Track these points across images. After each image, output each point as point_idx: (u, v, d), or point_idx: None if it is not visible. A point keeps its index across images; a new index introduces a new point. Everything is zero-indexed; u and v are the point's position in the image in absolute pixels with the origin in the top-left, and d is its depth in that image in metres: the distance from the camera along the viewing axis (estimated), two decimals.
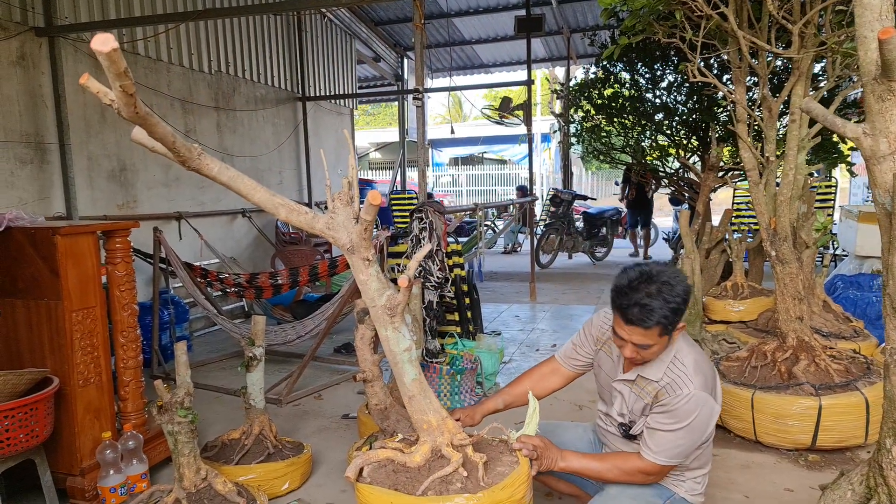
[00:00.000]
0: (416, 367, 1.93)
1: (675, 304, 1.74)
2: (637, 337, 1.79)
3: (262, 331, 2.72)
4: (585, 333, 2.20)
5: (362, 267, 1.84)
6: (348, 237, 1.76)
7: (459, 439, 1.82)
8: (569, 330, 5.60)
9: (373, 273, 1.87)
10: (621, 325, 1.81)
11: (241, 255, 6.37)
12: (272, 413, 3.62)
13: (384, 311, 1.88)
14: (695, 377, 1.83)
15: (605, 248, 9.80)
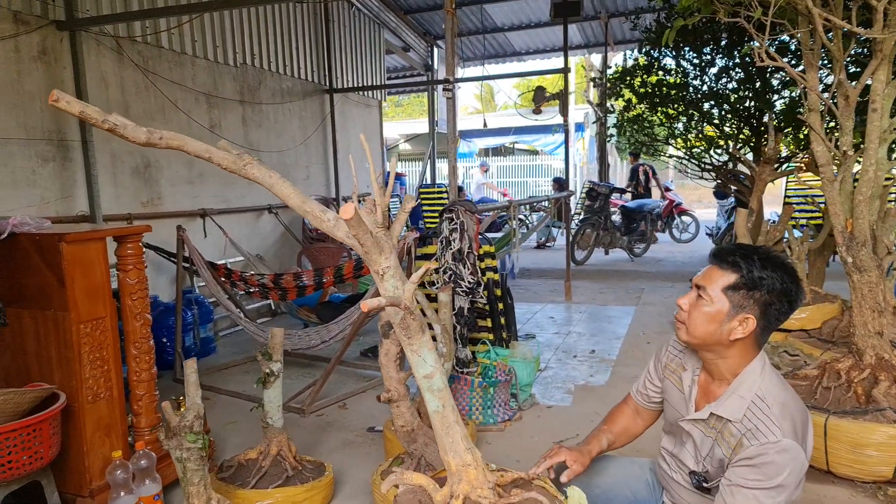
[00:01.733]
0: (438, 396, 1.70)
1: (768, 276, 1.57)
2: (705, 278, 1.63)
3: (279, 344, 2.53)
4: (656, 361, 1.94)
5: (378, 279, 1.64)
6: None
7: (479, 496, 1.57)
8: (607, 333, 5.31)
9: (389, 288, 1.65)
10: (706, 269, 1.67)
11: (266, 252, 6.23)
12: (294, 424, 3.45)
13: (400, 331, 1.66)
14: (782, 421, 1.53)
15: (643, 244, 9.42)
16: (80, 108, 1.39)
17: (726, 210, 8.98)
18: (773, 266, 1.59)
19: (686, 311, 1.68)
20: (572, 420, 3.46)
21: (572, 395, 3.86)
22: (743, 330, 1.60)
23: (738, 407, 1.59)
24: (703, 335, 1.64)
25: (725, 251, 1.67)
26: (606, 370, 4.35)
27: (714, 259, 1.69)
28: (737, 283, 1.59)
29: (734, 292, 1.59)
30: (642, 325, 5.55)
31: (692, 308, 1.66)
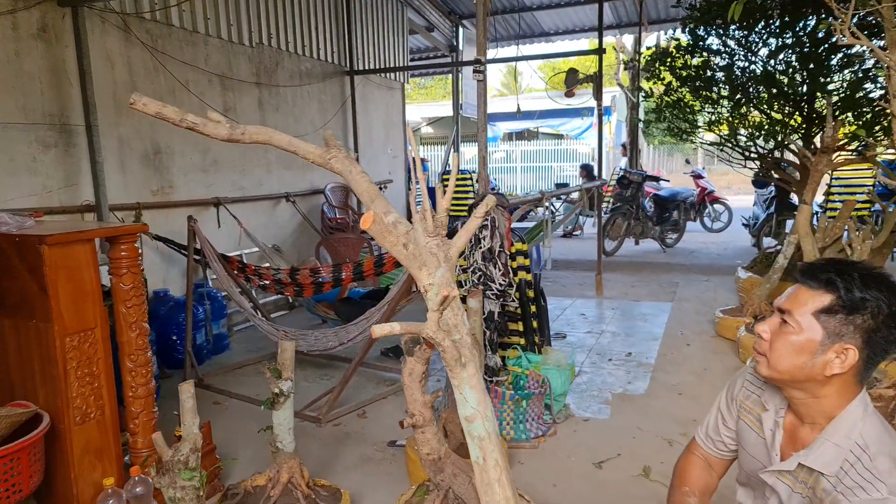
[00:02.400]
0: (479, 445, 1.41)
1: (872, 297, 1.28)
2: (791, 301, 1.34)
3: (290, 360, 2.24)
4: (727, 399, 1.61)
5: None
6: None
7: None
8: (643, 334, 4.96)
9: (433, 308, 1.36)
10: (792, 290, 1.38)
11: (284, 242, 5.97)
12: (309, 435, 3.18)
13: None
14: (889, 476, 1.24)
15: (676, 234, 9.00)
16: (157, 108, 1.36)
17: (765, 199, 8.49)
18: (877, 285, 1.30)
19: (767, 340, 1.38)
20: (612, 436, 3.14)
21: (610, 405, 3.54)
22: (841, 364, 1.30)
23: (833, 457, 1.31)
24: (789, 370, 1.34)
25: (817, 267, 1.36)
26: (645, 376, 4.01)
27: (802, 277, 1.37)
28: (832, 307, 1.30)
29: (829, 317, 1.30)
30: (680, 325, 5.19)
31: (775, 337, 1.36)
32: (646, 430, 3.20)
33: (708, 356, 4.37)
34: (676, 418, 3.32)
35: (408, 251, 1.42)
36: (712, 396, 1.57)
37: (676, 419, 3.31)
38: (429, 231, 1.46)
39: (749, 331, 4.20)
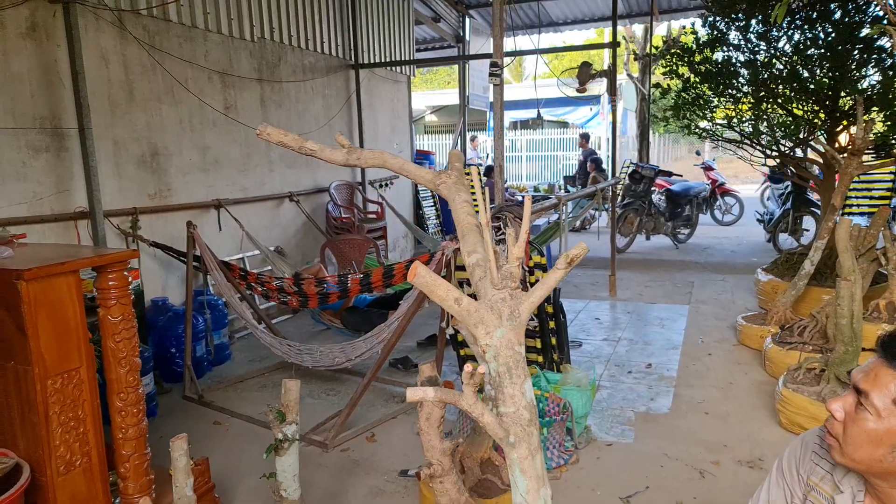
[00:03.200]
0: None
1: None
2: (870, 380, 1.15)
3: (295, 402, 2.05)
4: (790, 469, 1.40)
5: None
6: None
7: None
8: (661, 341, 4.76)
9: (491, 371, 1.18)
10: (871, 366, 1.17)
11: (287, 243, 5.77)
12: (315, 463, 3.01)
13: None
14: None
15: (688, 229, 8.76)
16: (280, 137, 1.42)
17: (781, 194, 8.24)
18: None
19: (840, 421, 1.19)
20: (638, 464, 2.95)
21: (633, 427, 3.35)
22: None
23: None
24: (866, 461, 1.17)
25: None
26: (668, 391, 3.82)
27: (884, 352, 1.17)
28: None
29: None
30: (699, 331, 4.99)
31: (850, 421, 1.18)
32: (673, 457, 3.01)
33: (732, 368, 4.17)
34: (705, 443, 3.13)
35: (460, 307, 1.22)
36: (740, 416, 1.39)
37: (705, 444, 3.12)
38: (494, 282, 1.26)
39: (775, 342, 3.99)
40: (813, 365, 3.32)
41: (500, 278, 1.25)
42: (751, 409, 3.53)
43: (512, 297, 1.24)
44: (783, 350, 3.86)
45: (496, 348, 1.24)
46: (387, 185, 7.37)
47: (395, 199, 7.30)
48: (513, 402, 1.21)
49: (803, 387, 3.17)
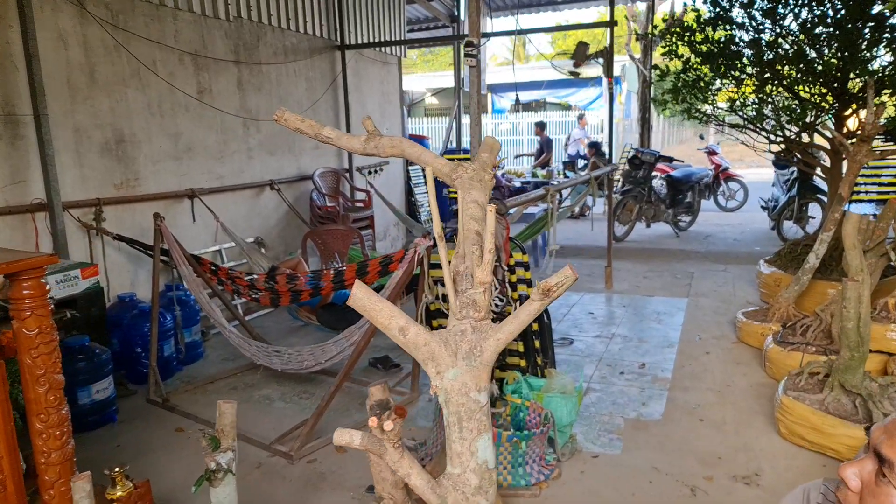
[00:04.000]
0: None
1: None
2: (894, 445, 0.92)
3: (231, 426, 1.83)
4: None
5: None
6: None
7: None
8: (657, 338, 4.53)
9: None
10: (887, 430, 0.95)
11: (269, 234, 5.54)
12: (278, 475, 2.80)
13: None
14: None
15: (690, 217, 8.49)
16: (296, 124, 1.42)
17: (786, 181, 7.95)
18: None
19: (856, 492, 0.98)
20: (625, 479, 2.74)
21: (622, 436, 3.13)
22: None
23: None
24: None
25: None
26: (661, 395, 3.60)
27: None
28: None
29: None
30: (697, 327, 4.75)
31: (868, 492, 0.96)
32: (663, 471, 2.79)
33: (730, 368, 3.95)
34: (698, 454, 2.91)
35: (406, 338, 1.00)
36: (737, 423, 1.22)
37: (698, 456, 2.90)
38: (453, 311, 1.04)
39: (777, 341, 3.76)
40: (816, 370, 3.08)
41: (460, 306, 1.02)
42: (749, 414, 3.30)
43: (474, 331, 1.01)
44: (784, 351, 3.63)
45: (447, 392, 1.02)
46: (376, 172, 7.11)
47: (385, 186, 7.05)
48: (459, 462, 0.99)
49: (805, 394, 2.94)
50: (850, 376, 2.82)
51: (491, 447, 0.94)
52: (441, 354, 0.98)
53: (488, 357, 0.96)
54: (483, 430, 0.93)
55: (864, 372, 2.84)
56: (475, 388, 0.95)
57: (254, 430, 3.20)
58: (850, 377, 2.82)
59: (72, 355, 3.23)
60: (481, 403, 0.93)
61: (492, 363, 0.97)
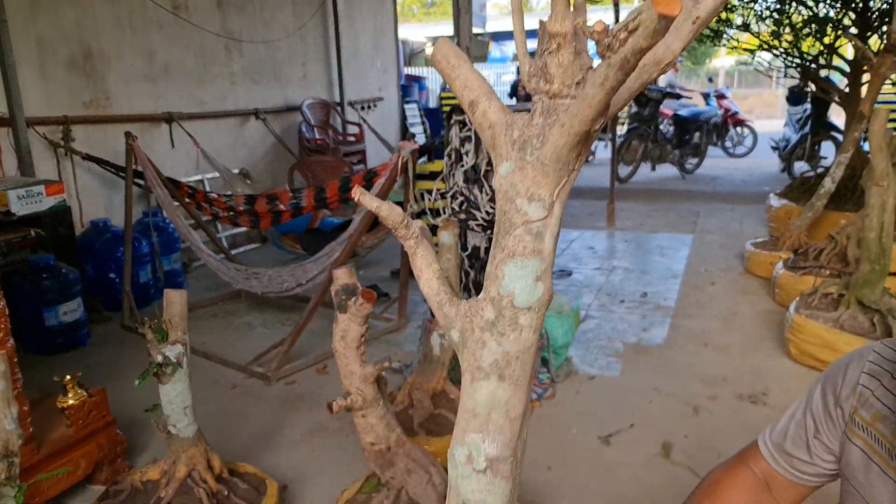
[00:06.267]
0: None
1: None
2: None
3: (180, 316, 1.62)
4: (827, 397, 0.96)
5: None
6: None
7: None
8: (660, 270, 4.32)
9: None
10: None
11: (255, 166, 5.28)
12: (256, 396, 2.64)
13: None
14: None
15: (696, 159, 8.20)
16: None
17: (798, 119, 7.62)
18: None
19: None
20: (623, 399, 2.56)
21: (621, 359, 2.95)
22: None
23: None
24: None
25: None
26: (664, 322, 3.40)
27: None
28: None
29: None
30: (703, 260, 4.54)
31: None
32: (665, 391, 2.61)
33: (736, 297, 3.74)
34: (702, 376, 2.72)
35: (473, 115, 0.72)
36: (744, 347, 1.05)
37: (702, 378, 2.71)
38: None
39: (787, 267, 3.54)
40: (830, 289, 2.87)
41: (529, 74, 0.69)
42: (756, 339, 3.11)
43: (542, 113, 0.69)
44: (796, 276, 3.41)
45: (498, 188, 0.74)
46: (369, 108, 6.80)
47: (379, 122, 6.75)
48: (484, 287, 0.73)
49: (818, 312, 2.73)
50: (868, 291, 2.61)
51: (528, 280, 0.68)
52: (500, 142, 0.71)
53: (549, 153, 0.67)
54: (519, 254, 0.67)
55: (883, 287, 2.62)
56: (524, 195, 0.67)
57: (231, 354, 3.02)
58: (869, 292, 2.61)
59: (37, 274, 3.04)
60: (527, 217, 0.66)
61: (558, 163, 0.67)
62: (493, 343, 0.69)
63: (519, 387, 0.71)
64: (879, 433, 0.86)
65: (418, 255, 0.74)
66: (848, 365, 0.94)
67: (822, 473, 0.98)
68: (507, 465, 0.71)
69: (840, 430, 0.93)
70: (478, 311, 0.70)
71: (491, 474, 0.71)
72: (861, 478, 0.88)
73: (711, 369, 2.80)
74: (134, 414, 2.40)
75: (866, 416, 0.88)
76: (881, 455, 0.85)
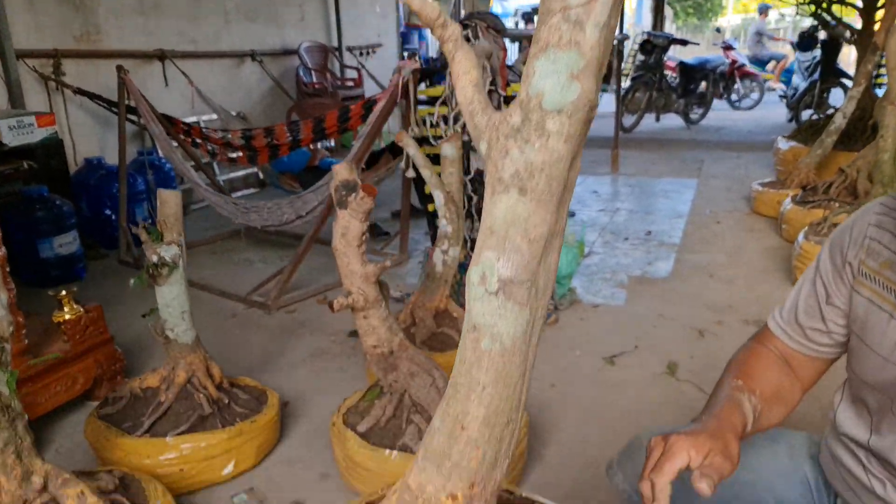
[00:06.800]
0: None
1: None
2: None
3: (175, 216, 1.57)
4: (833, 258, 0.95)
5: None
6: None
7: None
8: (664, 211, 4.26)
9: None
10: None
11: (252, 110, 5.17)
12: (255, 324, 2.61)
13: None
14: None
15: (702, 108, 8.04)
16: None
17: (807, 66, 7.44)
18: None
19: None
20: (628, 325, 2.53)
21: (626, 289, 2.91)
22: None
23: None
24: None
25: None
26: (669, 256, 3.36)
27: None
28: None
29: None
30: (708, 202, 4.47)
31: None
32: (670, 317, 2.58)
33: (742, 235, 3.69)
34: (709, 304, 2.69)
35: None
36: (750, 279, 1.02)
37: (709, 305, 2.68)
38: None
39: (795, 202, 3.47)
40: (839, 217, 2.81)
41: None
42: (762, 272, 3.07)
43: None
44: (804, 209, 3.35)
45: None
46: (368, 54, 6.63)
47: (377, 69, 6.58)
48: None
49: (828, 239, 2.67)
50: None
51: (561, 77, 0.60)
52: None
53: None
54: (553, 45, 0.59)
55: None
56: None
57: (231, 287, 2.98)
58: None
59: (30, 205, 2.98)
60: (566, 2, 0.58)
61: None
62: (516, 151, 0.63)
63: (542, 204, 0.64)
64: (888, 280, 0.85)
65: (456, 60, 0.67)
66: (853, 224, 0.93)
67: (838, 342, 0.97)
68: (522, 290, 0.66)
69: (849, 289, 0.91)
70: (506, 117, 0.64)
71: (503, 297, 0.66)
72: (871, 325, 0.87)
73: (717, 298, 2.76)
74: (133, 344, 2.37)
75: (874, 266, 0.87)
76: (890, 301, 0.84)
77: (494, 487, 0.71)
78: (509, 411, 0.68)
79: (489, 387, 0.67)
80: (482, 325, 0.67)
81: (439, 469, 0.71)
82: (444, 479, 0.70)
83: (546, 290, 0.68)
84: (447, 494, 0.70)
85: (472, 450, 0.68)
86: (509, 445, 0.71)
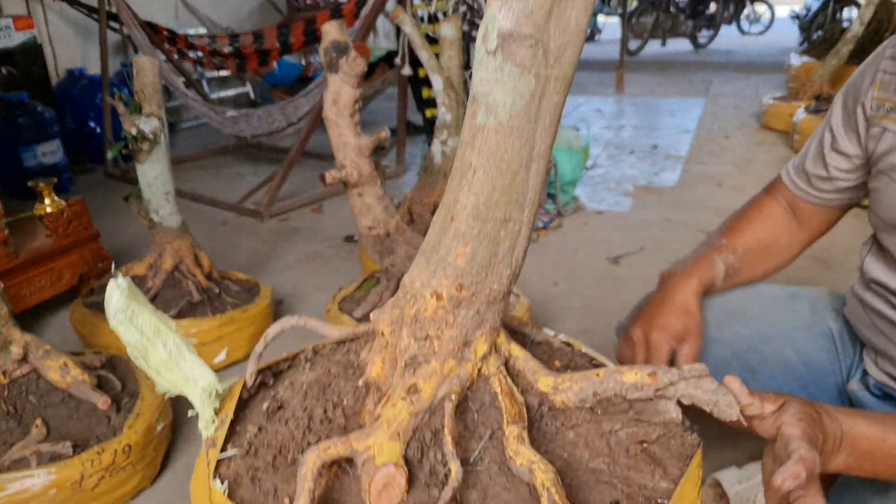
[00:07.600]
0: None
1: None
2: None
3: (152, 85, 1.45)
4: (844, 105, 0.91)
5: None
6: None
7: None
8: (671, 128, 4.12)
9: None
10: None
11: (241, 26, 4.92)
12: (248, 231, 2.53)
13: None
14: None
15: (711, 31, 7.75)
16: None
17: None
18: None
19: None
20: (633, 229, 2.45)
21: (631, 197, 2.82)
22: None
23: None
24: None
25: None
26: (675, 167, 3.25)
27: None
28: None
29: None
30: (716, 119, 4.32)
31: None
32: (677, 222, 2.50)
33: (752, 148, 3.57)
34: (716, 210, 2.60)
35: None
36: (760, 187, 0.97)
37: (716, 210, 2.59)
38: None
39: (809, 111, 3.33)
40: None
41: None
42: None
43: None
44: (817, 118, 3.21)
45: None
46: None
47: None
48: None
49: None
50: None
51: None
52: None
53: None
54: None
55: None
56: None
57: (222, 197, 2.88)
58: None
59: (10, 111, 2.84)
60: None
61: None
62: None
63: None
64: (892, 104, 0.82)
65: None
66: (865, 68, 0.89)
67: (839, 188, 0.94)
68: (523, 49, 0.55)
69: (863, 132, 0.87)
70: None
71: (501, 57, 0.55)
72: (888, 156, 0.82)
73: (725, 204, 2.67)
74: (122, 256, 2.29)
75: (894, 97, 0.83)
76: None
77: (490, 298, 0.64)
78: (506, 206, 0.60)
79: (480, 170, 0.58)
80: (479, 93, 0.57)
81: (427, 263, 0.64)
82: (430, 274, 0.63)
83: (561, 59, 0.58)
84: (431, 291, 0.63)
85: (459, 245, 0.61)
86: (509, 252, 0.63)
